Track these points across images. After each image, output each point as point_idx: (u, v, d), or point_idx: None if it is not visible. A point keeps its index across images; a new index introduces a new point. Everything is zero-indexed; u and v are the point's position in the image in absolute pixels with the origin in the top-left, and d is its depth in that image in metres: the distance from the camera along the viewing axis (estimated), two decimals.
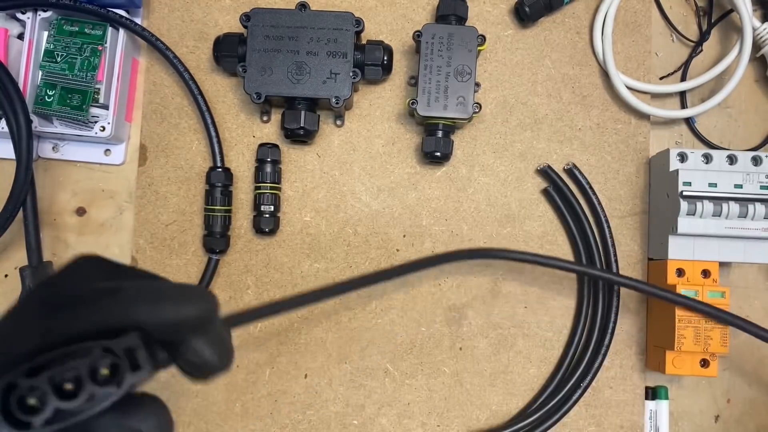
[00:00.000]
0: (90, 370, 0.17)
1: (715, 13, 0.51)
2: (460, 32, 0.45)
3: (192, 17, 0.49)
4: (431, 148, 0.46)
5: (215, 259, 0.47)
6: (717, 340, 0.43)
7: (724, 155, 0.45)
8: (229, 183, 0.47)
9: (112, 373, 0.17)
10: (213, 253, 0.47)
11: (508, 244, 0.49)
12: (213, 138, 0.47)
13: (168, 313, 0.19)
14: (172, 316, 0.19)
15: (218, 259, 0.47)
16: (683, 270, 0.45)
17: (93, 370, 0.17)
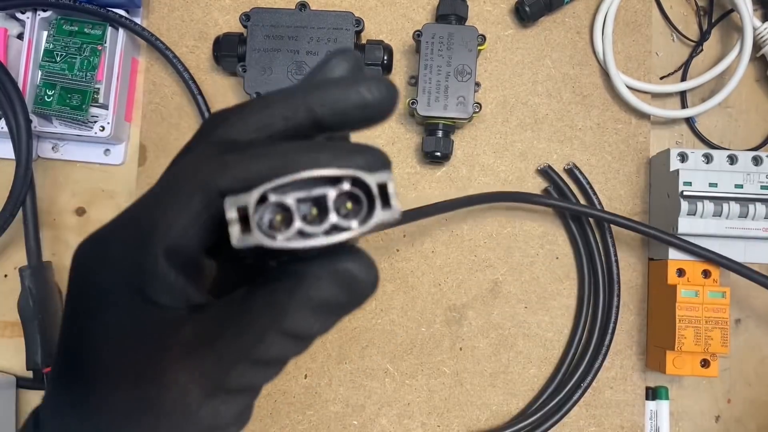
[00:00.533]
0: (338, 199, 0.16)
1: (716, 12, 0.51)
2: (461, 32, 0.45)
3: (192, 17, 0.49)
4: (431, 147, 0.46)
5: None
6: (717, 340, 0.43)
7: (725, 155, 0.45)
8: None
9: (356, 208, 0.17)
10: None
11: (508, 244, 0.48)
12: None
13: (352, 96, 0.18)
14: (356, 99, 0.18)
15: None
16: (684, 270, 0.45)
17: (341, 199, 0.16)
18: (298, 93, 0.19)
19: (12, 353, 0.47)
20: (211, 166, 0.18)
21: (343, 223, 0.16)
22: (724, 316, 0.43)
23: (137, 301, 0.18)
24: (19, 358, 0.46)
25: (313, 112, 0.18)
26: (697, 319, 0.43)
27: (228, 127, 0.19)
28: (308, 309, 0.17)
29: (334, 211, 0.16)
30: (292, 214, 0.16)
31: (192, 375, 0.17)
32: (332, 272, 0.17)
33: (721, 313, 0.43)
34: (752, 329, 0.49)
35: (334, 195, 0.16)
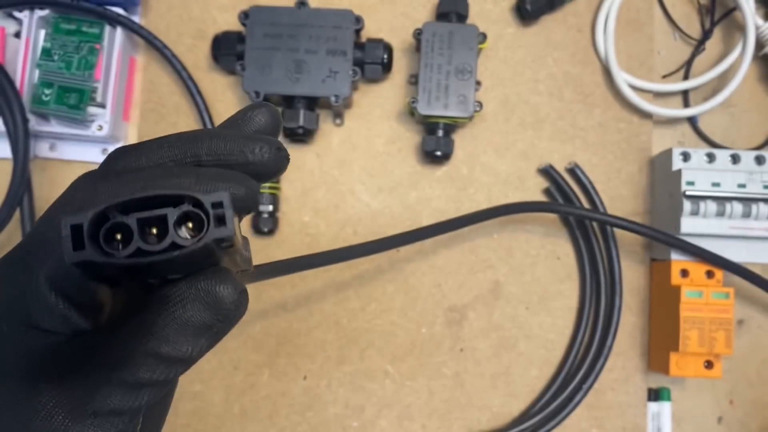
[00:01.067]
0: (177, 219, 0.17)
1: (718, 11, 0.51)
2: (461, 30, 0.45)
3: (190, 15, 0.49)
4: (432, 147, 0.46)
5: None
6: (722, 342, 0.43)
7: (728, 154, 0.45)
8: None
9: (197, 228, 0.17)
10: None
11: (509, 245, 0.48)
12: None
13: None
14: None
15: None
16: (687, 271, 0.44)
17: (179, 219, 0.17)
18: (189, 140, 0.20)
19: None
20: (86, 192, 0.19)
21: (179, 241, 0.17)
22: (728, 317, 0.43)
23: (21, 325, 0.18)
24: None
25: (199, 160, 0.19)
26: (701, 320, 0.43)
27: (122, 162, 0.20)
28: (174, 330, 0.17)
29: (172, 229, 0.17)
30: (132, 232, 0.17)
31: (59, 399, 0.17)
32: (196, 292, 0.17)
33: (726, 314, 0.43)
34: (755, 330, 0.49)
35: (174, 214, 0.17)
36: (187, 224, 0.17)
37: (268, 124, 0.21)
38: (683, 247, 0.44)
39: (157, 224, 0.17)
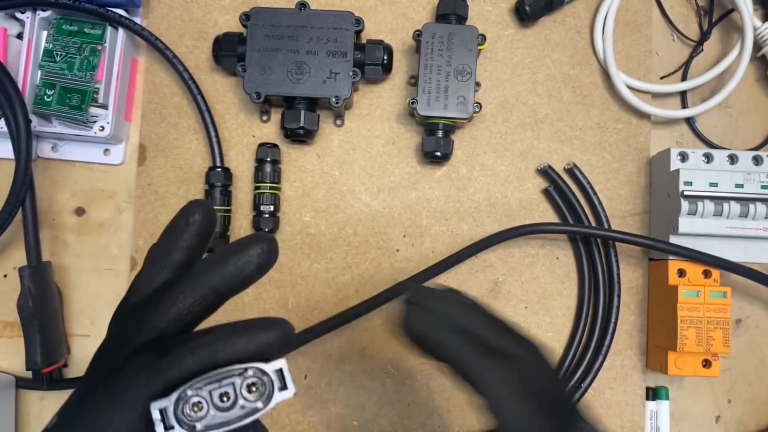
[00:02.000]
0: (245, 387, 0.21)
1: (716, 12, 0.51)
2: (461, 31, 0.45)
3: (191, 16, 0.49)
4: (431, 147, 0.46)
5: None
6: (719, 341, 0.43)
7: (725, 155, 0.45)
8: (229, 183, 0.47)
9: (257, 390, 0.21)
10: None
11: (508, 244, 0.48)
12: (212, 138, 0.47)
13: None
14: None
15: None
16: (684, 270, 0.45)
17: (247, 387, 0.21)
18: (203, 279, 0.23)
19: (11, 353, 0.47)
20: (150, 377, 0.21)
21: (249, 405, 0.21)
22: (725, 316, 0.43)
23: None
24: (18, 359, 0.46)
25: (219, 292, 0.23)
26: (698, 319, 0.43)
27: (150, 328, 0.22)
28: None
29: (241, 396, 0.21)
30: (207, 404, 0.21)
31: None
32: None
33: (723, 313, 0.43)
34: (753, 329, 0.49)
35: (239, 384, 0.21)
36: (250, 389, 0.21)
37: (204, 226, 0.25)
38: (688, 256, 0.44)
39: (225, 392, 0.21)
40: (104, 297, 0.48)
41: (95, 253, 0.48)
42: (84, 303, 0.47)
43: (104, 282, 0.48)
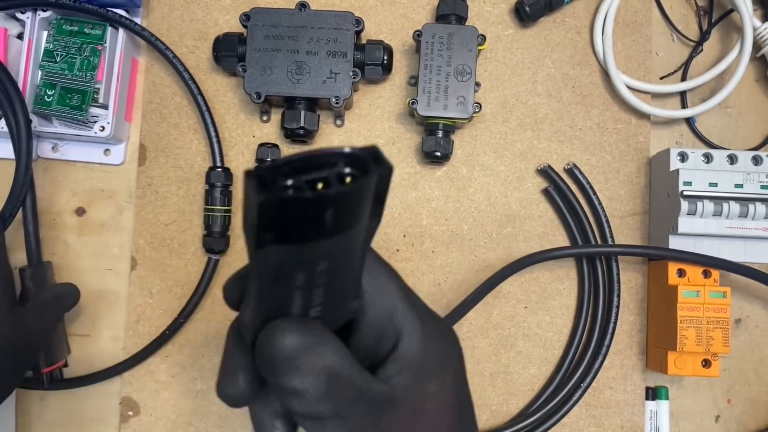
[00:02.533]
0: (337, 177, 0.18)
1: (716, 12, 0.51)
2: (461, 32, 0.45)
3: (192, 17, 0.49)
4: (431, 147, 0.46)
5: (215, 259, 0.47)
6: (719, 340, 0.43)
7: (725, 155, 0.45)
8: (229, 183, 0.47)
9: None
10: (212, 253, 0.47)
11: (508, 244, 0.48)
12: (213, 138, 0.47)
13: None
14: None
15: (217, 259, 0.47)
16: (684, 270, 0.45)
17: (339, 176, 0.18)
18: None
19: None
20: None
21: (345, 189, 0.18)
22: (725, 316, 0.43)
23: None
24: None
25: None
26: (698, 319, 0.43)
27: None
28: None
29: (335, 178, 0.18)
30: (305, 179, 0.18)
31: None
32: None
33: (722, 313, 0.43)
34: (752, 329, 0.49)
35: (336, 169, 0.18)
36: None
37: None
38: (689, 260, 0.44)
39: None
40: (104, 297, 0.48)
41: (96, 253, 0.48)
42: (84, 303, 0.47)
43: (104, 282, 0.48)
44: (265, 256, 0.19)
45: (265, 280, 0.20)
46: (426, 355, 0.22)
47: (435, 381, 0.23)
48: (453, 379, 0.23)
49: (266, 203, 0.17)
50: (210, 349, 0.47)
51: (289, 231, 0.18)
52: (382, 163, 0.18)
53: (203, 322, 0.47)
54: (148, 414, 0.46)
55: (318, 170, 0.18)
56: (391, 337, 0.22)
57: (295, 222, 0.18)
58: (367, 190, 0.18)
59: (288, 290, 0.20)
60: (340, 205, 0.18)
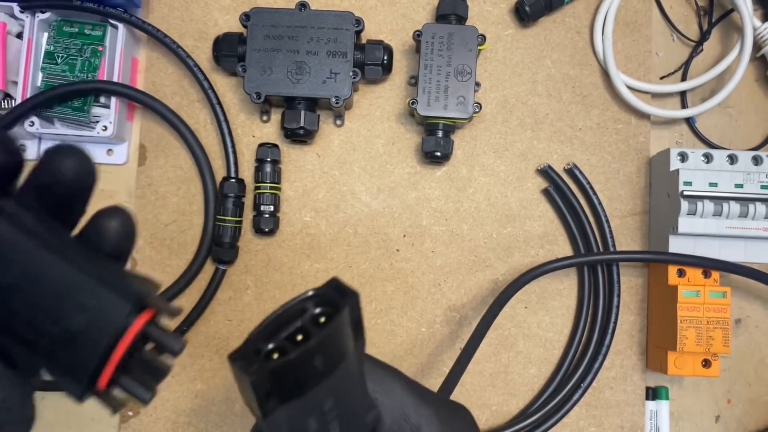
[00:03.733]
0: (311, 321, 0.19)
1: (716, 12, 0.51)
2: (461, 32, 0.45)
3: (191, 16, 0.49)
4: (431, 147, 0.46)
5: (222, 269, 0.47)
6: (719, 341, 0.43)
7: (725, 155, 0.45)
8: (242, 194, 0.47)
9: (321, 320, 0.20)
10: (221, 263, 0.46)
11: (508, 244, 0.48)
12: (228, 148, 0.47)
13: None
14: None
15: (225, 269, 0.47)
16: (684, 270, 0.45)
17: (313, 319, 0.19)
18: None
19: None
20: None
21: (318, 332, 0.19)
22: (725, 316, 0.43)
23: None
24: None
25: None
26: (698, 319, 0.43)
27: None
28: None
29: (314, 327, 0.20)
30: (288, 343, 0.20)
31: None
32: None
33: (722, 313, 0.43)
34: (752, 329, 0.49)
35: (308, 317, 0.20)
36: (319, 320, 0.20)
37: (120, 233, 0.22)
38: (689, 263, 0.44)
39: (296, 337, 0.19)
40: None
41: None
42: None
43: None
44: (275, 420, 0.19)
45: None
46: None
47: None
48: None
49: (257, 381, 0.18)
50: (210, 349, 0.47)
51: (287, 391, 0.19)
52: (347, 294, 0.19)
53: (204, 322, 0.47)
54: (148, 414, 0.47)
55: (292, 322, 0.19)
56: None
57: (289, 382, 0.19)
58: (344, 323, 0.19)
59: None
60: (325, 348, 0.19)
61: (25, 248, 0.19)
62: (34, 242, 0.19)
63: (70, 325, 0.19)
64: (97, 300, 0.19)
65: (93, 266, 0.20)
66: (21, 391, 0.20)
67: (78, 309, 0.19)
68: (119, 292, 0.19)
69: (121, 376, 0.19)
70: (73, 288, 0.19)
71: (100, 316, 0.19)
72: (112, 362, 0.19)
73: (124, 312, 0.19)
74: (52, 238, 0.20)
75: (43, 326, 0.19)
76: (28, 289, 0.19)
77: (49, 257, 0.19)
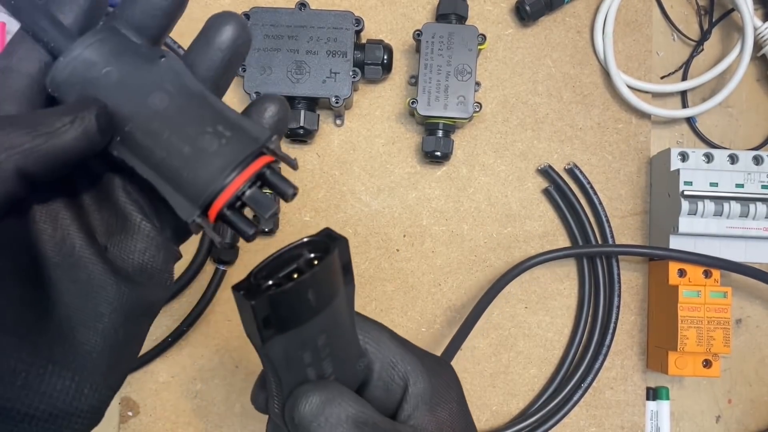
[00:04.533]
0: (306, 263, 0.22)
1: (716, 12, 0.51)
2: (461, 31, 0.45)
3: (191, 16, 0.49)
4: (431, 147, 0.46)
5: (222, 270, 0.47)
6: (719, 341, 0.43)
7: (725, 155, 0.45)
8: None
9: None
10: (221, 263, 0.46)
11: (508, 244, 0.48)
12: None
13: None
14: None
15: (225, 270, 0.47)
16: (685, 270, 0.45)
17: (307, 262, 0.22)
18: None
19: None
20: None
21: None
22: (726, 316, 0.43)
23: None
24: None
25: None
26: (699, 319, 0.43)
27: None
28: None
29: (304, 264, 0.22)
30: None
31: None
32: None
33: (723, 313, 0.43)
34: (753, 329, 0.49)
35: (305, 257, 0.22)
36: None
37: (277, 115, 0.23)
38: (689, 260, 0.44)
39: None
40: None
41: None
42: None
43: None
44: (273, 348, 0.21)
45: (280, 368, 0.22)
46: (433, 389, 0.25)
47: (445, 410, 0.25)
48: (458, 404, 0.26)
49: (258, 306, 0.20)
50: (210, 349, 0.47)
51: (284, 321, 0.20)
52: (337, 239, 0.21)
53: (204, 323, 0.47)
54: (148, 414, 0.46)
55: (289, 264, 0.21)
56: (398, 382, 0.25)
57: (286, 311, 0.20)
58: (335, 264, 0.21)
59: (301, 370, 0.22)
60: (317, 284, 0.21)
61: (183, 82, 0.22)
62: (192, 80, 0.22)
63: (205, 148, 0.20)
64: (232, 130, 0.21)
65: (233, 110, 0.22)
66: (165, 256, 0.22)
67: (214, 135, 0.20)
68: (255, 131, 0.21)
69: (230, 209, 0.21)
70: (215, 114, 0.21)
71: (233, 144, 0.20)
72: (231, 189, 0.20)
73: (254, 147, 0.20)
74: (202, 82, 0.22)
75: (178, 146, 0.20)
76: (176, 113, 0.21)
77: (201, 90, 0.22)
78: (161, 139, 0.20)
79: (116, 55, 0.21)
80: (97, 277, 0.20)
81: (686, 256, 0.44)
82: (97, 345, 0.20)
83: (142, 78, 0.21)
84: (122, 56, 0.21)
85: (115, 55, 0.21)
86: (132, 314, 0.21)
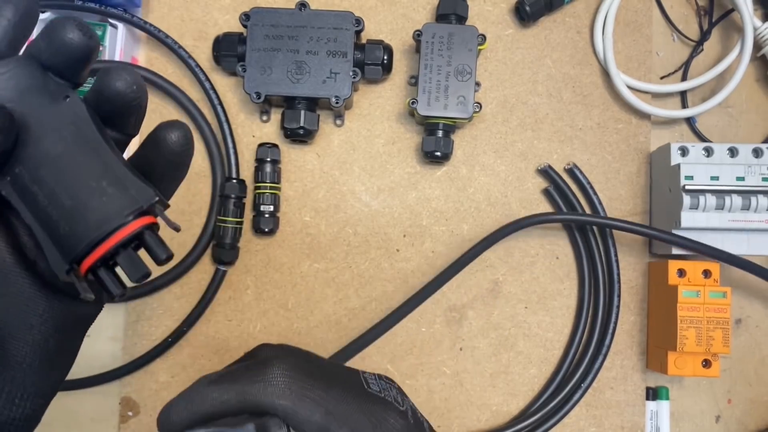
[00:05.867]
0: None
1: (716, 12, 0.51)
2: (461, 31, 0.45)
3: (191, 16, 0.49)
4: (431, 147, 0.46)
5: (222, 270, 0.47)
6: (719, 341, 0.43)
7: (725, 148, 0.45)
8: (243, 195, 0.46)
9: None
10: (222, 264, 0.46)
11: (508, 244, 0.48)
12: (230, 149, 0.47)
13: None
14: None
15: (225, 270, 0.47)
16: (684, 270, 0.45)
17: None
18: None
19: None
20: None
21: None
22: (725, 316, 0.43)
23: None
24: None
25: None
26: (698, 319, 0.43)
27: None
28: None
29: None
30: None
31: None
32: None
33: (723, 313, 0.43)
34: (753, 329, 0.49)
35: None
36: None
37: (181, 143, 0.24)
38: (683, 244, 0.44)
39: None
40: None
41: None
42: None
43: None
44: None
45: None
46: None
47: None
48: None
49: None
50: (210, 349, 0.47)
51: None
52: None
53: (203, 322, 0.47)
54: (148, 414, 0.46)
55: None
56: None
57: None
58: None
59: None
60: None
61: (81, 129, 0.21)
62: (91, 128, 0.21)
63: (85, 203, 0.20)
64: (116, 187, 0.21)
65: (126, 164, 0.22)
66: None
67: (96, 190, 0.21)
68: (139, 191, 0.21)
69: (103, 266, 0.21)
70: (103, 168, 0.21)
71: (114, 203, 0.21)
72: (103, 248, 0.20)
73: (135, 207, 0.21)
74: (101, 130, 0.22)
75: (60, 197, 0.20)
76: (66, 163, 0.21)
77: (98, 140, 0.21)
78: (46, 188, 0.20)
79: (21, 91, 0.21)
80: (26, 290, 0.21)
81: (683, 242, 0.44)
82: (28, 356, 0.21)
83: (41, 120, 0.21)
84: (27, 93, 0.21)
85: (20, 91, 0.21)
86: (63, 326, 0.22)
